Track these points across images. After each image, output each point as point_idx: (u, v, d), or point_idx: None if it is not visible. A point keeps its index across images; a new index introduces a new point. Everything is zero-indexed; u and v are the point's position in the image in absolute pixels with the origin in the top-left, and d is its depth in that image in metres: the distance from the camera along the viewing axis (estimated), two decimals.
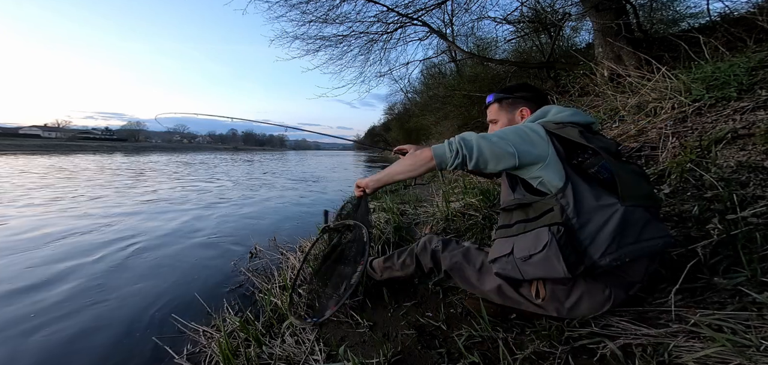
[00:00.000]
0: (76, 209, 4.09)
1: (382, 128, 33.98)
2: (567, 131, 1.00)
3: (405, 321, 1.28)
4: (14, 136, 73.49)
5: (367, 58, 6.76)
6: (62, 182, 6.60)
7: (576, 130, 1.00)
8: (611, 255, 0.88)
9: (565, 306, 1.00)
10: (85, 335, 1.52)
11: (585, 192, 0.92)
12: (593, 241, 0.90)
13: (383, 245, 2.01)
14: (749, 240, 1.17)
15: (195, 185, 6.89)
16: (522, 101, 1.25)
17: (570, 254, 0.89)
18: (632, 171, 0.99)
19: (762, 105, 1.96)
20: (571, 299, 0.99)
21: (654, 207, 0.97)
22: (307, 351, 1.17)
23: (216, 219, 3.79)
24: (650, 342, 0.92)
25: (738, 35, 3.03)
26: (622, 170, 0.95)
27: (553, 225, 0.91)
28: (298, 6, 5.62)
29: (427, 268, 1.34)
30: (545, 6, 5.34)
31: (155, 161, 15.23)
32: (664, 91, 2.55)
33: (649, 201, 0.96)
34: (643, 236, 0.90)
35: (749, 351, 0.80)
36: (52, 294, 1.89)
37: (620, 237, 0.89)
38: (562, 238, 0.89)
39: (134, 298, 1.87)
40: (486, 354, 1.03)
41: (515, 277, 1.01)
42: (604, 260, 0.89)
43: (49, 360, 1.36)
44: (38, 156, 16.52)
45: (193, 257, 2.52)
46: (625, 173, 0.95)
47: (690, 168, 1.77)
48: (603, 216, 0.90)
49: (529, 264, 0.95)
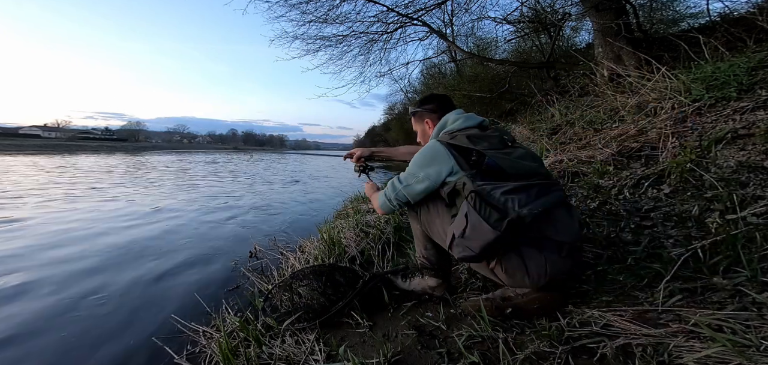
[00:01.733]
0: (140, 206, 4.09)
1: (382, 128, 33.99)
2: (458, 139, 1.19)
3: (405, 321, 1.28)
4: (14, 136, 73.49)
5: (367, 58, 6.75)
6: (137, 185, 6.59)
7: (464, 136, 1.18)
8: (527, 207, 1.02)
9: (517, 277, 1.11)
10: (84, 335, 1.52)
11: (486, 175, 1.10)
12: (507, 200, 1.04)
13: (383, 245, 2.01)
14: (749, 240, 1.17)
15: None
16: (427, 112, 1.41)
17: (490, 213, 1.03)
18: (517, 157, 1.15)
19: (762, 105, 1.97)
20: (521, 270, 1.09)
21: (539, 176, 1.14)
22: (307, 351, 1.17)
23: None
24: (650, 342, 0.92)
25: (738, 35, 3.03)
26: (505, 159, 1.12)
27: (467, 196, 1.09)
28: (298, 6, 5.62)
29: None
30: (545, 6, 5.34)
31: (190, 160, 15.84)
32: (664, 91, 2.55)
33: (536, 175, 1.13)
34: (540, 195, 1.07)
35: (749, 351, 0.80)
36: (51, 294, 1.89)
37: (524, 197, 1.05)
38: (476, 203, 1.06)
39: (134, 298, 1.87)
40: (486, 354, 1.03)
41: (469, 255, 1.10)
42: (523, 210, 1.02)
43: (49, 359, 1.36)
44: (42, 156, 16.50)
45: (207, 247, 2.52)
46: (510, 159, 1.13)
47: (690, 168, 1.77)
48: (506, 187, 1.06)
49: (468, 239, 1.07)
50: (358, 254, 1.97)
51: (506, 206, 1.03)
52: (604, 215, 1.79)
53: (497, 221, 1.02)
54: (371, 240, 2.10)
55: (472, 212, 1.05)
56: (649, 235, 1.48)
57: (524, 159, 1.16)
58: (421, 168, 1.23)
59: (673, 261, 1.20)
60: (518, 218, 1.01)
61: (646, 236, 1.47)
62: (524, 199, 1.04)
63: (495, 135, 1.21)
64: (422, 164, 1.23)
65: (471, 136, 1.18)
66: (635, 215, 1.69)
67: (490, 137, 1.19)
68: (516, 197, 1.04)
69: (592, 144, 2.65)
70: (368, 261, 1.94)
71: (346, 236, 2.23)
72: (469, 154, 1.14)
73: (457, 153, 1.16)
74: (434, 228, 1.27)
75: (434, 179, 1.19)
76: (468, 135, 1.19)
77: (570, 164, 2.50)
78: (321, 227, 2.56)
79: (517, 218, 1.01)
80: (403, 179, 1.27)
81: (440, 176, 1.18)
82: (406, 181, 1.26)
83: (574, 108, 3.65)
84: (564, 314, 1.12)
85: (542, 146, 3.08)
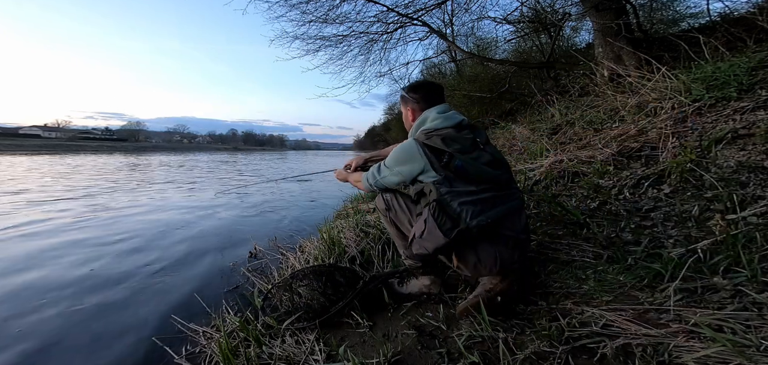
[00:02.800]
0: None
1: (382, 127, 34.00)
2: (433, 140, 1.26)
3: (405, 321, 1.28)
4: (14, 136, 73.48)
5: (367, 58, 6.75)
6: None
7: (439, 137, 1.25)
8: (476, 219, 1.15)
9: (470, 266, 1.23)
10: (84, 335, 1.52)
11: (452, 180, 1.20)
12: (461, 209, 1.16)
13: (383, 245, 2.01)
14: (749, 240, 1.17)
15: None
16: (411, 101, 1.46)
17: (445, 222, 1.17)
18: (483, 162, 1.25)
19: (762, 105, 1.97)
20: (474, 261, 1.22)
21: (498, 185, 1.25)
22: (307, 351, 1.17)
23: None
24: (650, 342, 0.92)
25: (738, 35, 3.03)
26: (472, 164, 1.22)
27: (430, 203, 1.21)
28: (298, 6, 5.62)
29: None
30: (545, 6, 5.34)
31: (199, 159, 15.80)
32: (664, 91, 2.55)
33: (495, 182, 1.25)
34: (495, 206, 1.20)
35: (749, 351, 0.80)
36: (49, 293, 1.89)
37: (479, 207, 1.17)
38: (435, 212, 1.18)
39: (134, 298, 1.87)
40: (486, 354, 1.03)
41: (424, 254, 1.25)
42: (473, 223, 1.15)
43: (48, 360, 1.36)
44: (49, 156, 16.50)
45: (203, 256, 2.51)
46: (476, 164, 1.23)
47: (690, 168, 1.77)
48: (466, 196, 1.18)
49: (424, 240, 1.22)
50: (358, 255, 1.97)
51: (459, 217, 1.16)
52: (604, 215, 1.79)
53: (448, 230, 1.16)
54: (371, 240, 2.10)
55: (430, 219, 1.19)
56: (649, 235, 1.48)
57: (490, 165, 1.26)
58: (396, 164, 1.35)
59: (673, 261, 1.20)
60: (467, 229, 1.15)
61: (646, 236, 1.47)
62: (477, 210, 1.16)
63: (468, 137, 1.29)
64: (397, 161, 1.34)
65: (445, 137, 1.26)
66: (635, 215, 1.69)
67: (463, 140, 1.27)
68: (470, 208, 1.16)
69: (592, 144, 2.65)
70: (368, 261, 1.94)
71: (346, 236, 2.23)
72: (442, 155, 1.23)
73: (430, 153, 1.25)
74: (402, 225, 1.42)
75: (407, 175, 1.31)
76: (443, 136, 1.26)
77: (570, 164, 2.50)
78: (321, 227, 2.56)
79: (466, 229, 1.15)
80: (381, 172, 1.41)
81: (412, 173, 1.29)
82: (383, 174, 1.40)
83: (574, 108, 3.65)
84: (564, 314, 1.13)
85: (542, 146, 3.08)
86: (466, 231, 1.16)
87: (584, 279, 1.33)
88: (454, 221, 1.17)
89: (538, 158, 2.93)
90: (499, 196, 1.23)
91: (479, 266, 1.21)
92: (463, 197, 1.18)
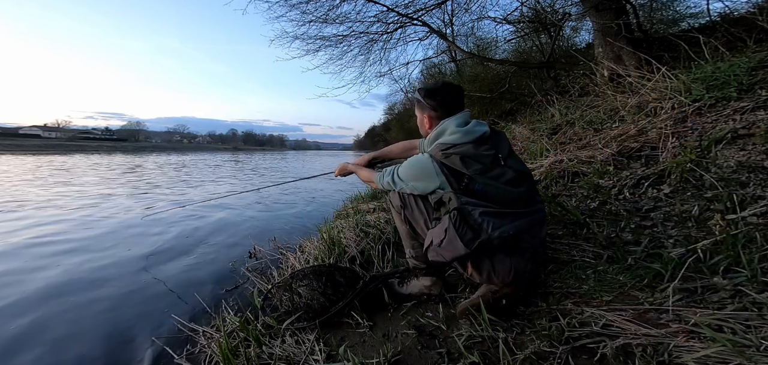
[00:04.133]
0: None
1: (382, 127, 34.00)
2: (452, 160, 1.20)
3: (405, 321, 1.28)
4: (14, 136, 73.43)
5: (367, 58, 6.75)
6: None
7: (458, 157, 1.19)
8: (498, 230, 1.12)
9: (484, 275, 1.20)
10: (83, 335, 1.52)
11: (472, 199, 1.16)
12: (483, 220, 1.13)
13: (383, 245, 2.01)
14: (749, 240, 1.17)
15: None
16: (427, 108, 1.37)
17: (466, 232, 1.13)
18: (505, 181, 1.19)
19: (762, 105, 1.97)
20: (490, 270, 1.19)
21: (520, 203, 1.21)
22: (307, 351, 1.17)
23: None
24: (650, 342, 0.92)
25: (738, 35, 3.03)
26: (493, 186, 1.18)
27: (451, 211, 1.16)
28: (298, 6, 5.62)
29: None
30: (545, 6, 5.34)
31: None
32: (664, 91, 2.55)
33: (518, 201, 1.21)
34: (517, 218, 1.17)
35: (749, 351, 0.80)
36: (49, 293, 1.89)
37: (499, 220, 1.14)
38: (456, 221, 1.14)
39: (133, 298, 1.87)
40: (486, 354, 1.03)
41: (441, 261, 1.23)
42: (495, 234, 1.12)
43: (47, 360, 1.36)
44: (57, 156, 16.50)
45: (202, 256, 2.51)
46: (498, 185, 1.18)
47: (690, 168, 1.77)
48: (487, 207, 1.15)
49: (443, 248, 1.18)
50: (358, 255, 1.97)
51: (481, 227, 1.13)
52: (604, 215, 1.79)
53: (470, 240, 1.13)
54: (371, 240, 2.10)
55: (451, 228, 1.15)
56: (649, 235, 1.48)
57: (511, 183, 1.21)
58: (410, 179, 1.31)
59: (673, 261, 1.20)
60: (488, 240, 1.12)
61: (646, 236, 1.47)
62: (498, 222, 1.13)
63: (489, 154, 1.22)
64: (412, 176, 1.30)
65: (464, 156, 1.19)
66: (635, 215, 1.69)
67: (484, 158, 1.20)
68: (491, 220, 1.13)
69: (592, 144, 2.65)
70: (368, 261, 1.94)
71: (346, 236, 2.23)
72: (461, 177, 1.18)
73: (448, 172, 1.20)
74: (417, 224, 1.37)
75: (421, 191, 1.28)
76: (461, 155, 1.19)
77: (570, 164, 2.50)
78: (321, 227, 2.56)
79: (488, 240, 1.12)
80: (396, 183, 1.37)
81: (427, 190, 1.26)
82: (399, 184, 1.36)
83: (574, 108, 3.65)
84: (564, 314, 1.13)
85: (542, 146, 3.08)
86: (487, 242, 1.12)
87: (584, 279, 1.33)
88: (476, 231, 1.13)
89: (538, 158, 2.93)
90: (519, 213, 1.19)
91: (493, 275, 1.18)
92: (482, 207, 1.15)
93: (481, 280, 1.23)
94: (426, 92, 1.38)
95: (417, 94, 1.43)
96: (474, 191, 1.16)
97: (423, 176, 1.26)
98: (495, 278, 1.18)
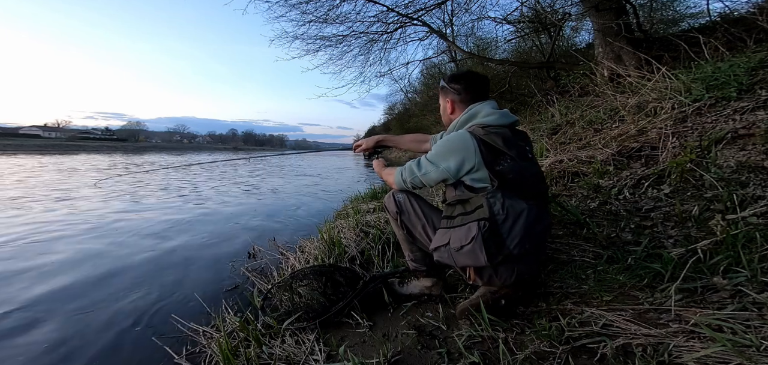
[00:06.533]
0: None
1: (382, 127, 34.01)
2: (492, 138, 1.14)
3: (405, 321, 1.28)
4: (14, 136, 73.40)
5: (367, 58, 6.76)
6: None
7: (500, 138, 1.14)
8: (521, 246, 1.09)
9: (485, 278, 1.17)
10: (83, 335, 1.52)
11: (505, 194, 1.10)
12: (509, 234, 1.09)
13: (383, 245, 2.01)
14: (749, 240, 1.17)
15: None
16: (452, 92, 1.33)
17: (491, 245, 1.08)
18: (533, 173, 1.18)
19: (762, 105, 1.96)
20: (489, 273, 1.16)
21: (544, 200, 1.21)
22: (307, 351, 1.17)
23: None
24: (650, 342, 0.92)
25: (738, 35, 3.03)
26: (527, 172, 1.15)
27: (481, 220, 1.09)
28: (298, 6, 5.62)
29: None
30: (545, 6, 5.34)
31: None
32: (664, 91, 2.55)
33: (542, 197, 1.20)
34: (537, 226, 1.12)
35: (749, 351, 0.80)
36: (51, 291, 1.89)
37: (527, 229, 1.09)
38: (486, 232, 1.08)
39: (133, 298, 1.87)
40: (486, 354, 1.03)
41: (449, 264, 1.20)
42: (516, 249, 1.09)
43: (46, 360, 1.36)
44: (61, 156, 16.48)
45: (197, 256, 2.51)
46: (529, 175, 1.15)
47: (690, 168, 1.77)
48: (515, 214, 1.09)
49: (460, 254, 1.13)
50: (358, 255, 1.97)
51: (505, 243, 1.09)
52: (604, 215, 1.79)
53: (494, 254, 1.09)
54: (371, 240, 2.10)
55: (479, 239, 1.08)
56: (649, 235, 1.48)
57: (537, 179, 1.19)
58: (442, 158, 1.19)
59: (673, 261, 1.20)
60: (509, 254, 1.10)
61: (646, 236, 1.47)
62: (522, 236, 1.09)
63: (521, 144, 1.19)
64: (446, 152, 1.19)
65: (506, 138, 1.14)
66: (635, 215, 1.69)
67: (519, 146, 1.17)
68: (518, 235, 1.09)
69: (592, 144, 2.65)
70: (368, 261, 1.94)
71: (346, 236, 2.23)
72: (500, 158, 1.12)
73: (486, 151, 1.12)
74: (415, 229, 1.35)
75: (454, 172, 1.17)
76: (503, 137, 1.14)
77: (570, 164, 2.50)
78: (321, 227, 2.56)
79: (508, 254, 1.10)
80: (422, 167, 1.26)
81: (461, 169, 1.15)
82: (424, 169, 1.25)
83: (574, 108, 3.66)
84: (564, 313, 1.12)
85: (542, 146, 3.08)
86: (507, 255, 1.10)
87: (584, 279, 1.33)
88: (500, 246, 1.09)
89: (539, 158, 2.93)
90: (541, 213, 1.15)
91: (494, 278, 1.16)
92: (511, 219, 1.09)
93: (482, 283, 1.22)
94: (451, 77, 1.36)
95: (443, 81, 1.39)
96: (509, 180, 1.10)
97: (461, 150, 1.15)
98: (496, 280, 1.17)
